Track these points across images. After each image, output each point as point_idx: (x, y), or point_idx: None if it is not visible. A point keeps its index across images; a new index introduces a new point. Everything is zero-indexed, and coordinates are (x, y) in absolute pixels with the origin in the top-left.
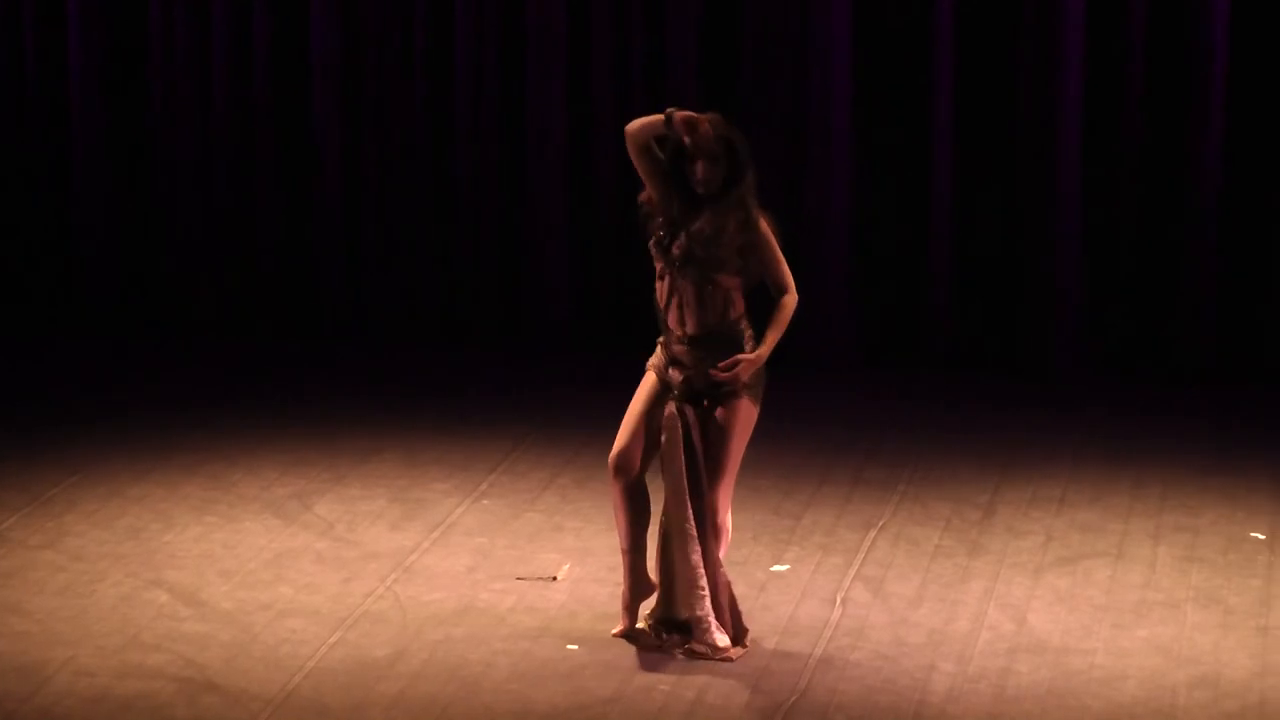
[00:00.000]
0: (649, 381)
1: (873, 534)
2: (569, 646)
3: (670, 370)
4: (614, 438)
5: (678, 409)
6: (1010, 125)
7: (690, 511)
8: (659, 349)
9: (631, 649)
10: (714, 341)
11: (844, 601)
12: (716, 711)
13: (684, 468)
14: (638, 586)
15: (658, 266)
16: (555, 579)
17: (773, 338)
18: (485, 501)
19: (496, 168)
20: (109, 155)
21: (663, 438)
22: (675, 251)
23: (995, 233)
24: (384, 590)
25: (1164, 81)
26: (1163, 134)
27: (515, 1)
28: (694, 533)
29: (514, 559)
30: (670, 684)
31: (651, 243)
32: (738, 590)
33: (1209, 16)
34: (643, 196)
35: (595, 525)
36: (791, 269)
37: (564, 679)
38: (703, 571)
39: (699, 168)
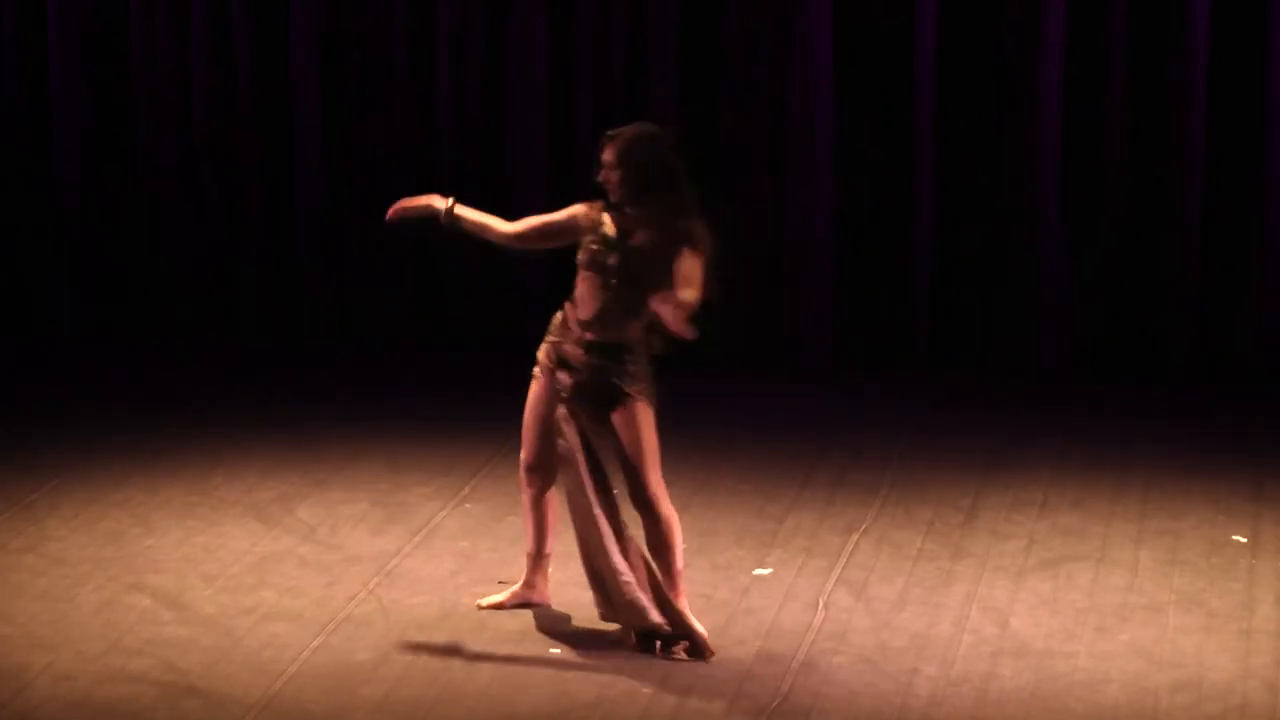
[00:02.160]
0: (536, 383)
1: (855, 537)
2: (552, 650)
3: (559, 373)
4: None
5: (570, 412)
6: (992, 127)
7: (601, 512)
8: (543, 349)
9: (615, 654)
10: (614, 350)
11: (826, 605)
12: (699, 715)
13: (587, 470)
14: (529, 590)
15: (583, 270)
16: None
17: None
18: (468, 505)
19: (479, 168)
20: (89, 155)
21: (559, 442)
22: (611, 263)
23: (977, 235)
24: (366, 594)
25: (1146, 80)
26: (1145, 133)
27: (498, 1)
28: (609, 532)
29: (496, 563)
30: (653, 688)
31: (582, 256)
32: (720, 594)
33: (1191, 13)
34: (578, 215)
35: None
36: (774, 272)
37: (547, 683)
38: (629, 575)
39: (601, 174)
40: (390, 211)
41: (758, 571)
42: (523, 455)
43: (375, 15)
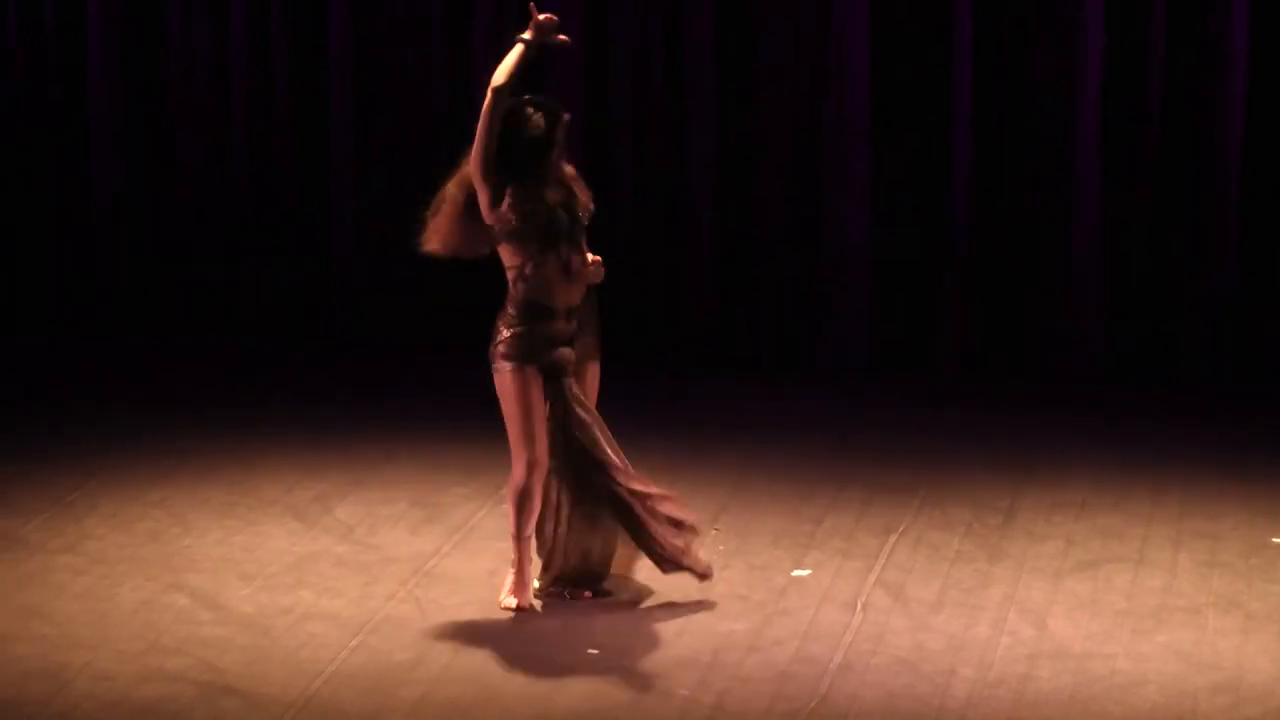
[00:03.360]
0: (519, 375)
1: (893, 539)
2: (589, 651)
3: (559, 351)
4: (637, 439)
5: (565, 386)
6: (1027, 131)
7: (614, 473)
8: (512, 342)
9: (652, 655)
10: (585, 307)
11: (864, 607)
12: (736, 716)
13: (602, 440)
14: (535, 564)
15: (532, 249)
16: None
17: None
18: (505, 505)
19: None
20: (125, 158)
21: (579, 412)
22: (585, 222)
23: (1014, 236)
24: (404, 594)
25: (1184, 79)
26: (1181, 137)
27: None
28: (625, 486)
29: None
30: (690, 689)
31: (541, 235)
32: (758, 595)
33: (1229, 20)
34: (502, 208)
35: None
36: (809, 273)
37: (584, 683)
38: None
39: (561, 155)
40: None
41: (795, 573)
42: (535, 452)
43: (411, 22)
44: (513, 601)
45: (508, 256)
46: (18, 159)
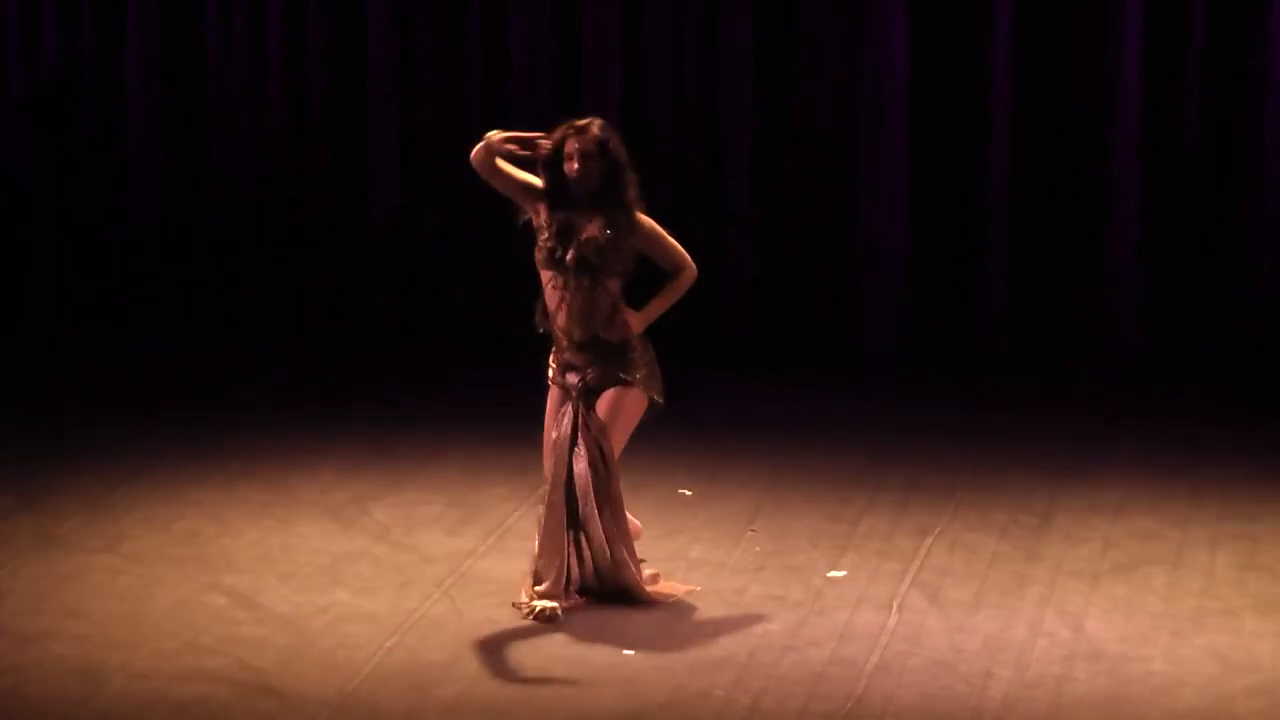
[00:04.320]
0: (553, 398)
1: (929, 540)
2: (625, 651)
3: (566, 375)
4: (672, 440)
5: (574, 407)
6: (1068, 131)
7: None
8: (552, 359)
9: (688, 655)
10: (602, 342)
11: (900, 608)
12: (772, 717)
13: (567, 460)
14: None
15: (545, 276)
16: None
17: (658, 307)
18: (542, 507)
19: None
20: (163, 160)
21: (553, 435)
22: (569, 260)
23: (1051, 238)
24: (440, 595)
25: (1223, 83)
26: (1222, 135)
27: (570, 2)
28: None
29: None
30: (726, 690)
31: (539, 255)
32: (794, 596)
33: (1268, 26)
34: (526, 217)
35: (651, 531)
36: (846, 275)
37: (620, 684)
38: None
39: (575, 166)
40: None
41: (832, 574)
42: (546, 472)
43: (449, 26)
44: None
45: None
46: (55, 160)
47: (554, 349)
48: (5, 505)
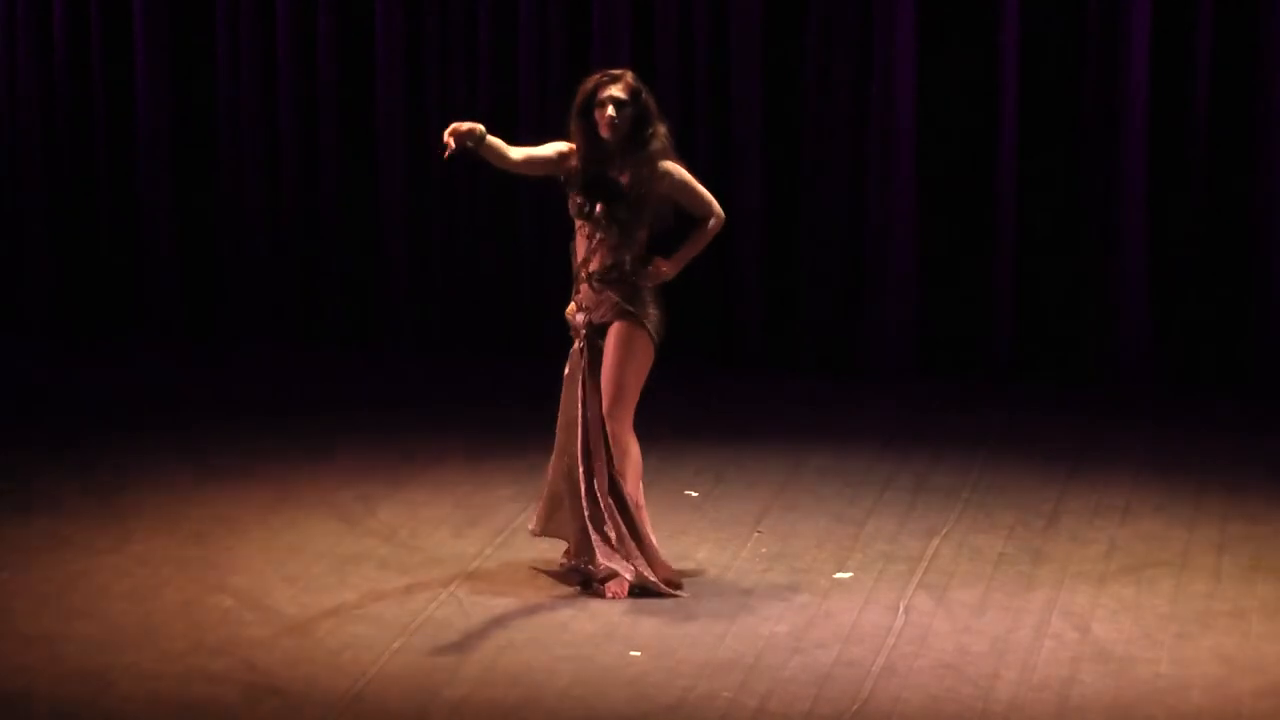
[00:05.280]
0: (574, 354)
1: (936, 542)
2: (632, 653)
3: (576, 315)
4: (679, 442)
5: (581, 348)
6: (1074, 132)
7: (580, 446)
8: (571, 306)
9: (695, 657)
10: (616, 277)
11: (907, 609)
12: (779, 719)
13: (583, 395)
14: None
15: (577, 224)
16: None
17: (688, 252)
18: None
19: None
20: (173, 159)
21: (565, 370)
22: (598, 212)
23: (1059, 239)
24: (447, 596)
25: (1230, 86)
26: (1229, 138)
27: (579, 4)
28: (581, 470)
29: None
30: (733, 691)
31: (571, 206)
32: (800, 598)
33: (1273, 27)
34: (563, 154)
35: (659, 531)
36: (854, 274)
37: (626, 686)
38: (600, 518)
39: (607, 112)
40: (446, 136)
41: (838, 575)
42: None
43: (459, 22)
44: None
45: None
46: (67, 163)
47: (573, 295)
48: (12, 506)
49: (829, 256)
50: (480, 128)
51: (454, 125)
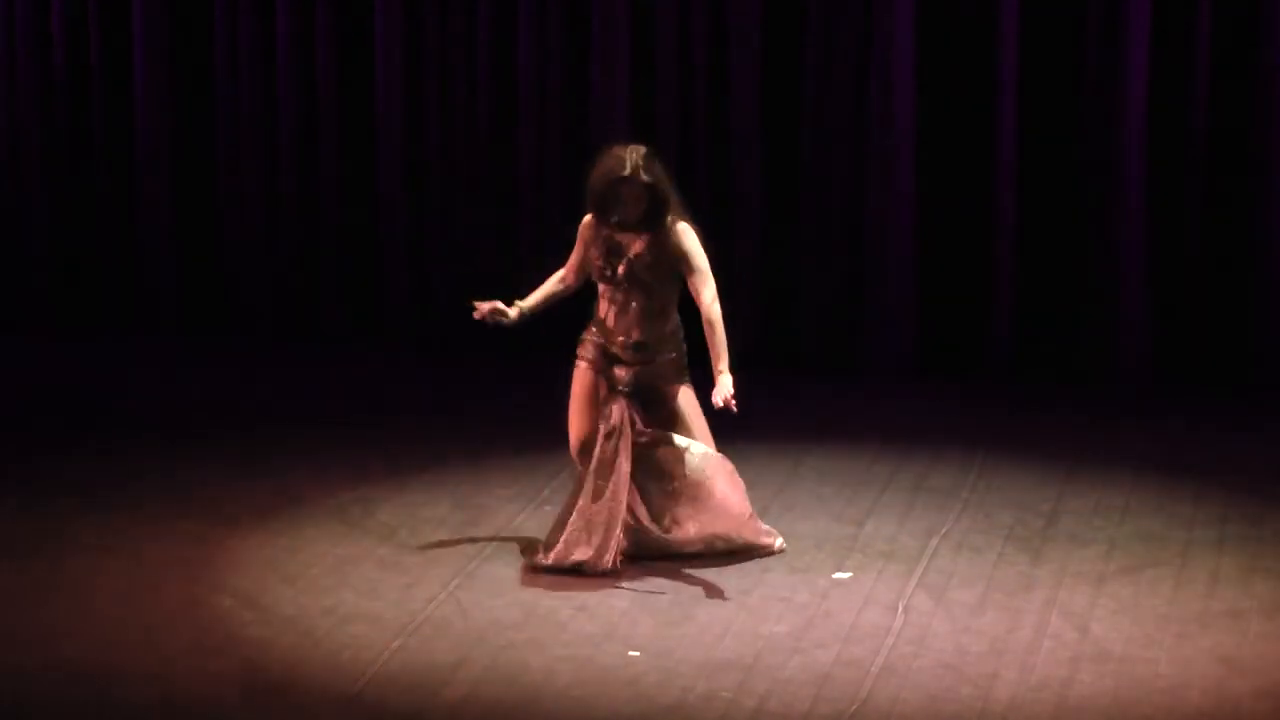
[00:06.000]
0: (583, 375)
1: (935, 542)
2: (631, 654)
3: (615, 369)
4: None
5: (626, 402)
6: (1075, 132)
7: (624, 496)
8: (590, 346)
9: (694, 657)
10: (656, 344)
11: (906, 609)
12: (778, 719)
13: (626, 457)
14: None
15: (601, 289)
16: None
17: (726, 352)
18: (548, 508)
19: (560, 173)
20: (173, 162)
21: (610, 426)
22: (620, 275)
23: (1059, 240)
24: (446, 596)
25: (1230, 86)
26: (1228, 135)
27: (580, 16)
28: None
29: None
30: (732, 691)
31: (593, 272)
32: (800, 598)
33: (1274, 26)
34: (584, 237)
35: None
36: (853, 274)
37: (625, 686)
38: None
39: (626, 210)
40: (481, 311)
41: (837, 575)
42: (578, 437)
43: (458, 25)
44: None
45: None
46: (66, 163)
47: (593, 333)
48: (11, 506)
49: (828, 256)
50: (502, 310)
51: (478, 306)
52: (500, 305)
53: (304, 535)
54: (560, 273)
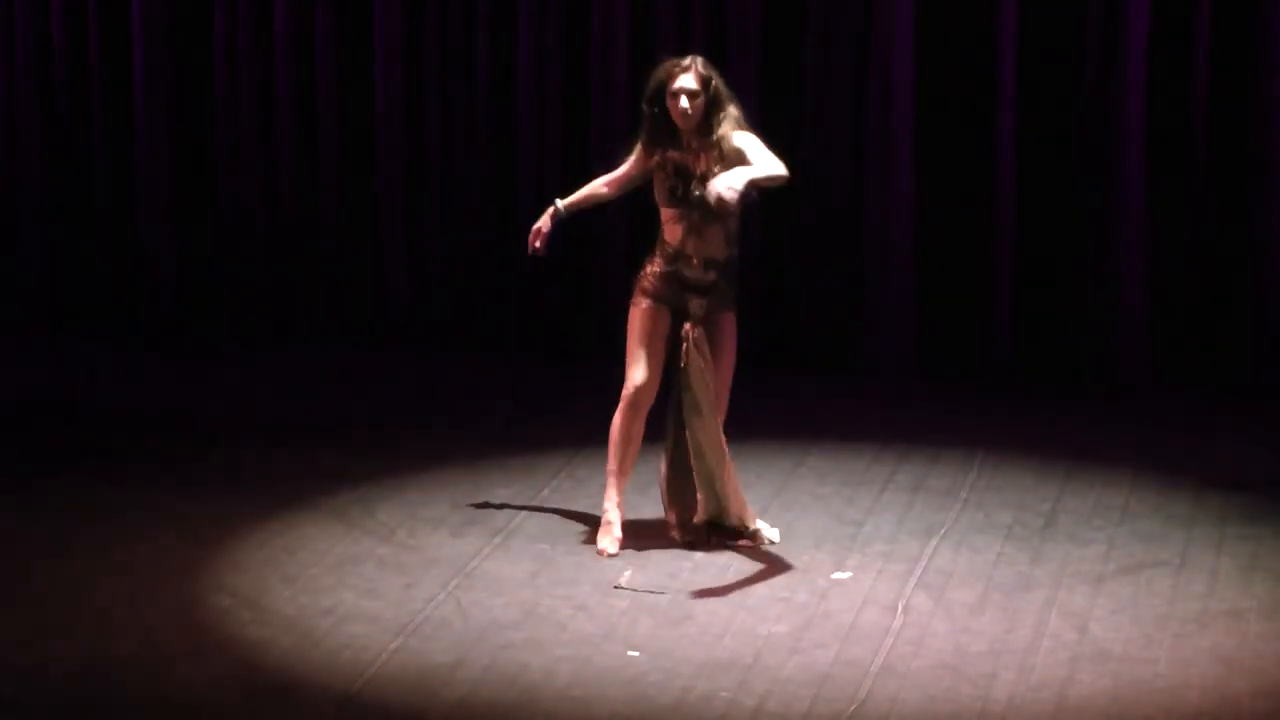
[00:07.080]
0: (650, 313)
1: (934, 541)
2: (630, 653)
3: (690, 299)
4: None
5: (697, 336)
6: (1074, 131)
7: (719, 425)
8: (653, 280)
9: (693, 657)
10: (727, 264)
11: (905, 609)
12: (777, 719)
13: (710, 385)
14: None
15: (666, 213)
16: (621, 586)
17: (750, 173)
18: (547, 508)
19: (561, 173)
20: (171, 162)
21: (685, 361)
22: (694, 195)
23: (1058, 240)
24: (445, 596)
25: (1230, 87)
26: (1228, 144)
27: (580, 8)
28: (726, 446)
29: (575, 565)
30: (731, 691)
31: (660, 194)
32: (799, 597)
33: (1274, 25)
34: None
35: (660, 531)
36: (853, 273)
37: (625, 686)
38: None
39: (680, 104)
40: (533, 245)
41: (836, 575)
42: (638, 379)
43: (458, 25)
44: (601, 546)
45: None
46: (65, 162)
47: (662, 265)
48: (9, 508)
49: (828, 256)
50: (554, 208)
51: (535, 227)
52: (547, 226)
53: (303, 535)
54: (607, 176)
